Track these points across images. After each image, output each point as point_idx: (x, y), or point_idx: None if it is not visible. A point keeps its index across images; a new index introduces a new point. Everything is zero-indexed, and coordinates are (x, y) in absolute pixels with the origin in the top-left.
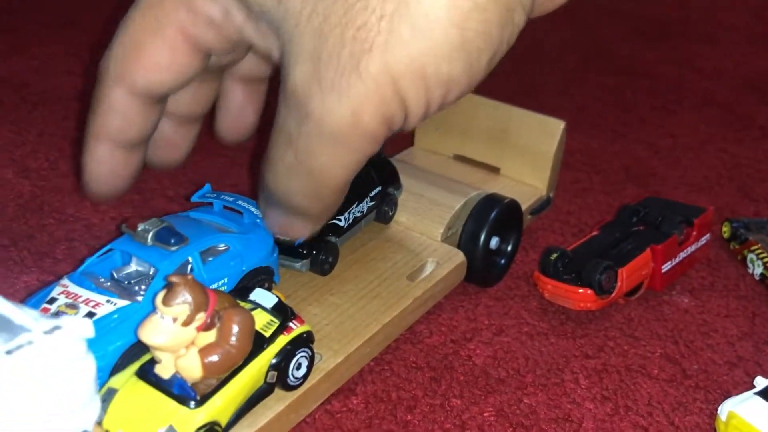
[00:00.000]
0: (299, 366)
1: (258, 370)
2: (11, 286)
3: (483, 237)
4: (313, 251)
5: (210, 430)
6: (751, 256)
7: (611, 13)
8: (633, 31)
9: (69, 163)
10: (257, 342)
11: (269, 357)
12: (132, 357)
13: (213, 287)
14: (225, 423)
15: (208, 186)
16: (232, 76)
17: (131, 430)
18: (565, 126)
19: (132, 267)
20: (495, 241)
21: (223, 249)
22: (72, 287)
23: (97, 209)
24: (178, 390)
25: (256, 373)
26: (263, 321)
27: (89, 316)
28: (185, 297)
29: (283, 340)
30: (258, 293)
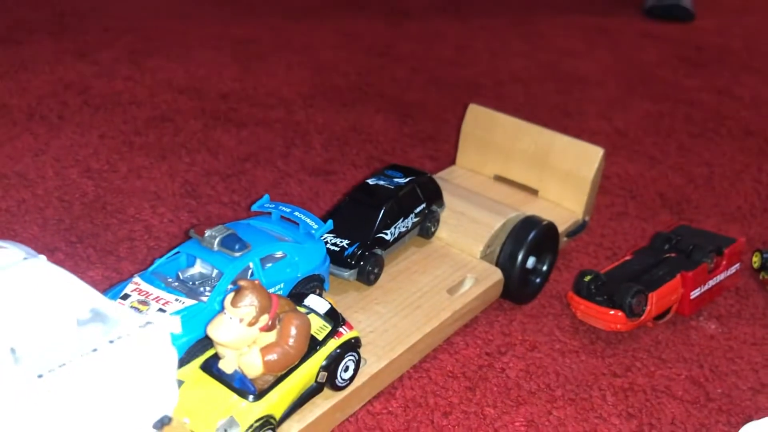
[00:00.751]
0: (347, 368)
1: (310, 370)
2: None
3: (521, 257)
4: (361, 262)
5: (266, 422)
6: None
7: (654, 39)
8: (674, 58)
9: (128, 166)
10: (311, 344)
11: (321, 359)
12: (197, 352)
13: (270, 291)
14: (279, 417)
15: (266, 196)
16: None
17: (195, 418)
18: (604, 153)
19: (196, 269)
20: (532, 261)
21: (281, 256)
22: (143, 285)
23: (156, 211)
24: (239, 384)
25: (308, 373)
26: (317, 325)
27: (159, 312)
28: (252, 300)
29: (334, 343)
30: (312, 299)
